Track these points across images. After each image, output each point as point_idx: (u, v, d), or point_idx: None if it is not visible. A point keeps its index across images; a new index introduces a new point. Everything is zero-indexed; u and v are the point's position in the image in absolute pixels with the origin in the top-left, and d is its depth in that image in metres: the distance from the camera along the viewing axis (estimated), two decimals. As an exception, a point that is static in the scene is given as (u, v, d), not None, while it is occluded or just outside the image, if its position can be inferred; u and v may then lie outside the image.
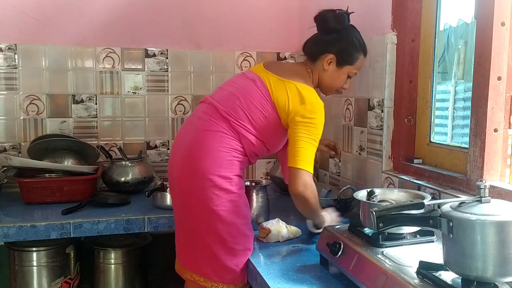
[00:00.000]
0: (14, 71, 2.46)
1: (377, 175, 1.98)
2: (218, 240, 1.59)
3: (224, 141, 1.62)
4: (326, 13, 1.75)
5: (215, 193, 1.58)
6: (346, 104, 2.25)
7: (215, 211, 1.58)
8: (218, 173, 1.59)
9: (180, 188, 1.67)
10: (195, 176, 1.60)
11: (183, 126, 1.77)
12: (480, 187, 1.04)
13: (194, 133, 1.66)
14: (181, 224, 1.71)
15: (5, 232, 1.90)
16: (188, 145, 1.65)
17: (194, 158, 1.61)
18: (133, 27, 2.61)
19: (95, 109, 2.60)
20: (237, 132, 1.63)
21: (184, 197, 1.65)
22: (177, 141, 1.74)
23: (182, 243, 1.72)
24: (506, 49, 1.44)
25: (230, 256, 1.59)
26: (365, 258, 1.22)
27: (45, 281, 2.17)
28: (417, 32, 1.86)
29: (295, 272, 1.43)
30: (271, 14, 2.82)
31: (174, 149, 1.74)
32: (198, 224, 1.62)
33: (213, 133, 1.62)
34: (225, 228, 1.58)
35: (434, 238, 1.33)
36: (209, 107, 1.69)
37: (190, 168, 1.62)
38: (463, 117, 1.80)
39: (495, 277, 0.99)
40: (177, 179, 1.68)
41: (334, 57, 1.73)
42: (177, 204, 1.71)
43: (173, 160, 1.72)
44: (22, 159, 2.31)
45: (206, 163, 1.59)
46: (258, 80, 1.69)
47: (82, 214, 2.07)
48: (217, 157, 1.60)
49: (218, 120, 1.64)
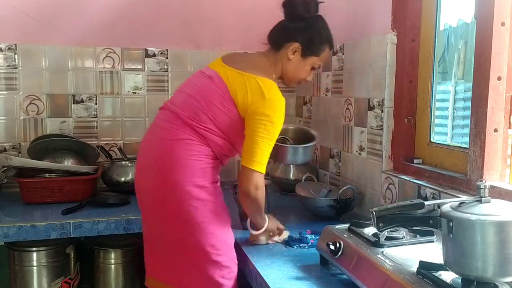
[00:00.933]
0: (14, 71, 2.46)
1: (377, 175, 1.98)
2: (201, 254, 1.52)
3: (192, 148, 1.53)
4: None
5: (193, 205, 1.51)
6: (346, 104, 2.25)
7: (194, 224, 1.51)
8: (192, 184, 1.51)
9: (153, 202, 1.58)
10: (169, 190, 1.52)
11: (146, 137, 1.67)
12: (480, 187, 1.04)
13: (159, 144, 1.57)
14: (157, 238, 1.61)
15: (5, 232, 1.90)
16: (155, 158, 1.57)
17: (164, 171, 1.53)
18: (133, 27, 2.61)
19: (95, 109, 2.60)
20: (204, 136, 1.55)
21: (158, 211, 1.57)
22: (142, 153, 1.65)
23: (158, 257, 1.62)
24: (506, 49, 1.44)
25: (215, 269, 1.53)
26: (365, 258, 1.22)
27: (45, 281, 2.16)
28: (417, 32, 1.86)
29: (295, 272, 1.43)
30: (271, 14, 2.81)
31: (140, 162, 1.65)
32: (177, 238, 1.54)
33: (179, 142, 1.53)
34: (208, 240, 1.52)
35: (434, 238, 1.33)
36: (169, 114, 1.60)
37: (162, 182, 1.53)
38: (463, 117, 1.80)
39: (495, 277, 0.99)
40: (148, 193, 1.59)
41: (300, 46, 1.65)
42: (149, 218, 1.63)
43: (142, 174, 1.63)
44: (22, 159, 2.31)
45: (179, 175, 1.51)
46: (215, 77, 1.60)
47: (82, 214, 2.07)
48: (189, 166, 1.52)
49: (181, 127, 1.55)
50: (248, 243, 1.70)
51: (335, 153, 2.37)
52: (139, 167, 1.65)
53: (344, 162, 2.29)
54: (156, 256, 1.64)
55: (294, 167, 2.48)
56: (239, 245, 1.69)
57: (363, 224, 1.43)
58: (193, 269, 1.55)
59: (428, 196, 1.66)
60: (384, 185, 1.92)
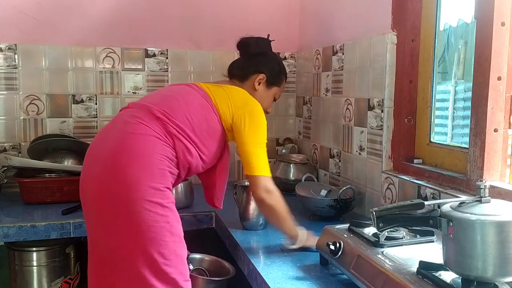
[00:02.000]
0: (14, 71, 2.46)
1: (377, 175, 1.98)
2: (148, 261, 1.38)
3: (157, 146, 1.44)
4: (248, 39, 1.83)
5: (144, 207, 1.38)
6: (346, 104, 2.25)
7: (145, 227, 1.37)
8: (149, 184, 1.40)
9: (99, 203, 1.43)
10: (122, 187, 1.39)
11: (100, 133, 1.57)
12: (480, 187, 1.04)
13: (120, 137, 1.45)
14: (96, 248, 1.48)
15: (5, 232, 1.90)
16: (111, 151, 1.43)
17: (120, 165, 1.40)
18: (133, 27, 2.61)
19: (95, 109, 2.60)
20: (172, 136, 1.47)
21: (104, 214, 1.42)
22: (92, 150, 1.52)
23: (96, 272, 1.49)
24: (506, 49, 1.44)
25: (161, 280, 1.38)
26: (365, 258, 1.22)
27: (45, 281, 2.16)
28: (417, 32, 1.86)
29: (295, 272, 1.43)
30: (271, 14, 2.82)
31: (89, 160, 1.51)
32: (123, 244, 1.39)
33: (144, 137, 1.44)
34: (156, 247, 1.38)
35: (434, 238, 1.33)
36: (139, 110, 1.52)
37: (115, 178, 1.40)
38: (463, 117, 1.80)
39: (495, 277, 0.99)
40: (95, 192, 1.44)
41: (265, 77, 1.77)
42: (92, 224, 1.48)
43: (89, 172, 1.48)
44: (22, 159, 2.31)
45: (136, 171, 1.39)
46: (195, 86, 1.63)
47: (82, 214, 2.06)
48: (149, 164, 1.42)
49: (150, 122, 1.47)
50: (248, 243, 1.70)
51: (335, 153, 2.37)
52: (88, 164, 1.50)
53: (344, 162, 2.29)
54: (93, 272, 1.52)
55: (294, 167, 2.48)
56: (239, 245, 1.69)
57: (363, 224, 1.43)
58: (137, 279, 1.38)
59: (428, 196, 1.66)
60: (384, 185, 1.92)
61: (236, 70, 1.81)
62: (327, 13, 2.49)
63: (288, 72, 2.86)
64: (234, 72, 1.81)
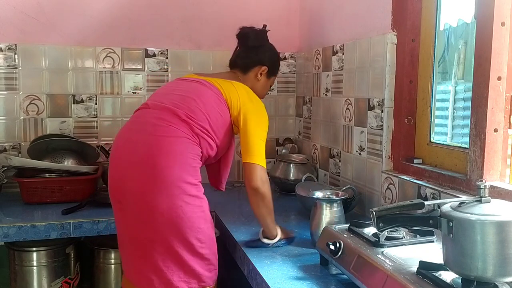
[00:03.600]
0: (14, 71, 2.46)
1: (377, 175, 1.98)
2: (186, 246, 1.54)
3: (188, 146, 1.59)
4: (246, 30, 1.89)
5: (185, 201, 1.54)
6: (346, 104, 2.25)
7: (185, 219, 1.53)
8: (186, 180, 1.55)
9: (141, 202, 1.55)
10: (163, 186, 1.53)
11: (125, 135, 1.66)
12: (480, 187, 1.04)
13: (154, 140, 1.57)
14: (137, 238, 1.59)
15: (5, 232, 1.90)
16: (148, 154, 1.55)
17: (161, 167, 1.53)
18: (133, 27, 2.61)
19: (95, 109, 2.60)
20: (198, 136, 1.61)
21: (145, 211, 1.55)
22: (123, 152, 1.63)
23: (137, 259, 1.61)
24: (506, 49, 1.44)
25: (197, 260, 1.57)
26: (365, 258, 1.22)
27: (45, 281, 2.16)
28: (417, 32, 1.86)
29: (295, 272, 1.43)
30: (271, 14, 2.82)
31: (121, 161, 1.62)
32: (164, 233, 1.53)
33: (177, 139, 1.58)
34: (194, 234, 1.55)
35: (434, 238, 1.33)
36: (163, 112, 1.62)
37: (156, 179, 1.53)
38: (463, 117, 1.80)
39: (495, 277, 0.99)
40: (136, 192, 1.56)
41: (267, 68, 1.88)
42: (131, 218, 1.59)
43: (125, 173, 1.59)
44: (22, 159, 2.31)
45: (176, 171, 1.54)
46: (205, 82, 1.72)
47: (82, 214, 2.07)
48: (185, 164, 1.57)
49: (179, 125, 1.59)
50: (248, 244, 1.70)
51: (335, 153, 2.37)
52: (122, 163, 1.61)
53: (344, 162, 2.29)
54: (134, 258, 1.62)
55: (294, 167, 2.48)
56: (239, 245, 1.69)
57: (363, 224, 1.43)
58: (175, 264, 1.55)
59: (428, 196, 1.66)
60: (384, 185, 1.92)
61: (239, 61, 1.89)
62: (327, 13, 2.49)
63: (288, 72, 2.88)
64: (237, 63, 1.90)
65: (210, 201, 1.87)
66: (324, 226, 1.55)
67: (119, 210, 1.64)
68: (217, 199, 2.32)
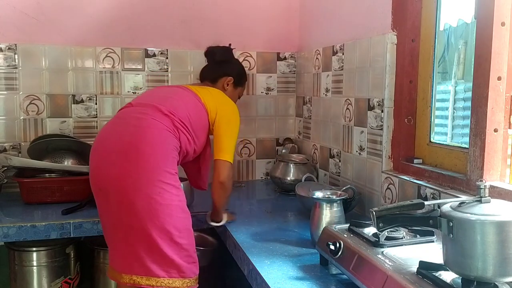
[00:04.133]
0: (14, 71, 2.46)
1: (377, 175, 1.98)
2: (164, 234, 1.60)
3: (168, 137, 1.69)
4: (213, 48, 2.13)
5: (163, 188, 1.62)
6: (346, 104, 2.25)
7: (163, 205, 1.60)
8: (165, 169, 1.64)
9: (120, 186, 1.62)
10: (144, 171, 1.61)
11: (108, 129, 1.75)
12: (480, 187, 1.04)
13: (138, 131, 1.67)
14: (119, 225, 1.65)
15: (5, 232, 1.90)
16: (132, 143, 1.65)
17: (143, 153, 1.63)
18: (133, 27, 2.61)
19: (95, 109, 2.60)
20: (178, 130, 1.72)
21: (125, 196, 1.61)
22: (105, 142, 1.71)
23: (119, 246, 1.67)
24: (506, 49, 1.44)
25: (176, 250, 1.62)
26: (365, 258, 1.22)
27: (45, 281, 2.17)
28: (417, 32, 1.86)
29: (295, 272, 1.43)
30: (271, 14, 2.82)
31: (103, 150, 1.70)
32: (143, 219, 1.59)
33: (160, 131, 1.68)
34: (172, 222, 1.61)
35: (434, 238, 1.33)
36: (146, 108, 1.74)
37: (137, 164, 1.62)
38: (463, 117, 1.80)
39: (495, 277, 0.99)
40: (118, 177, 1.63)
41: (233, 79, 2.10)
42: (113, 205, 1.65)
43: (107, 160, 1.67)
44: (22, 159, 2.31)
45: (157, 159, 1.64)
46: (186, 88, 1.89)
47: (82, 214, 2.07)
48: (165, 153, 1.67)
49: (161, 118, 1.70)
50: (248, 243, 1.70)
51: (335, 153, 2.37)
52: (103, 153, 1.70)
53: (344, 162, 2.29)
54: (116, 245, 1.68)
55: (294, 167, 2.48)
56: (239, 245, 1.69)
57: (363, 224, 1.43)
58: (154, 251, 1.60)
59: (428, 196, 1.66)
60: (384, 185, 1.92)
61: (207, 74, 2.12)
62: (327, 13, 2.49)
63: (288, 72, 2.88)
64: (205, 76, 2.12)
65: (210, 201, 1.90)
66: (324, 226, 1.55)
67: (101, 197, 1.70)
68: (217, 199, 2.33)
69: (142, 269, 1.61)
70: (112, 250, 1.72)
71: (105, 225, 1.73)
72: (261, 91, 2.85)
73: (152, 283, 1.60)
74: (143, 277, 1.61)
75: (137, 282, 1.61)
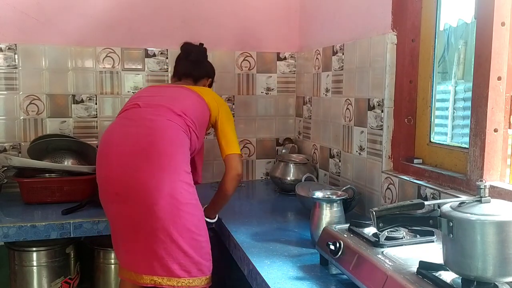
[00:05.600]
0: (14, 71, 2.46)
1: (377, 175, 1.98)
2: (186, 233, 1.64)
3: (185, 138, 1.74)
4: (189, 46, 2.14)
5: (183, 187, 1.65)
6: (346, 104, 2.25)
7: (184, 204, 1.63)
8: (184, 168, 1.68)
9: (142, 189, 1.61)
10: (167, 172, 1.63)
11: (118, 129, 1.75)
12: (480, 187, 1.04)
13: (156, 132, 1.68)
14: (139, 227, 1.64)
15: (5, 232, 1.90)
16: (150, 144, 1.65)
17: (165, 154, 1.65)
18: (133, 27, 2.61)
19: (95, 109, 2.60)
20: (189, 129, 1.77)
21: (148, 197, 1.60)
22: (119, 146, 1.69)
23: (139, 248, 1.67)
24: (506, 49, 1.44)
25: (196, 248, 1.66)
26: (365, 258, 1.22)
27: (45, 281, 2.16)
28: (417, 32, 1.86)
29: (295, 272, 1.43)
30: (271, 14, 2.82)
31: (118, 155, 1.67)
32: (165, 220, 1.60)
33: (176, 131, 1.72)
34: (192, 220, 1.66)
35: (434, 238, 1.33)
36: (159, 109, 1.76)
37: (160, 166, 1.62)
38: (463, 117, 1.80)
39: (495, 277, 0.99)
40: (138, 180, 1.61)
41: (211, 79, 2.19)
42: (133, 208, 1.64)
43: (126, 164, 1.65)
44: (22, 159, 2.31)
45: (177, 159, 1.67)
46: (187, 89, 1.92)
47: (82, 214, 2.07)
48: (183, 153, 1.71)
49: (175, 119, 1.74)
50: (248, 243, 1.70)
51: (335, 153, 2.37)
52: (122, 157, 1.66)
53: (344, 162, 2.29)
54: (135, 248, 1.68)
55: (294, 167, 2.48)
56: (239, 245, 1.69)
57: (363, 224, 1.43)
58: (176, 251, 1.63)
59: (428, 196, 1.66)
60: (384, 185, 1.92)
61: (190, 72, 2.10)
62: (327, 13, 2.49)
63: (288, 72, 2.88)
64: (190, 74, 2.10)
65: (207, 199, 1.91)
66: (324, 226, 1.55)
67: (117, 202, 1.68)
68: (217, 199, 2.33)
69: (164, 270, 1.64)
70: (128, 252, 1.71)
71: (120, 228, 1.72)
72: (261, 91, 2.85)
73: (173, 283, 1.64)
74: (164, 277, 1.64)
75: (158, 282, 1.65)
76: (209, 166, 2.69)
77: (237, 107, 2.81)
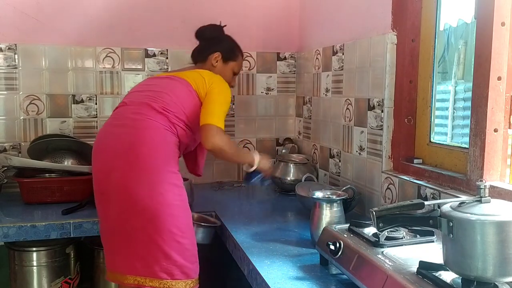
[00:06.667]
0: (14, 71, 2.46)
1: (377, 175, 1.98)
2: (167, 235, 1.61)
3: (167, 136, 1.69)
4: (202, 27, 2.09)
5: (165, 188, 1.62)
6: (346, 104, 2.25)
7: (165, 205, 1.61)
8: (167, 169, 1.65)
9: (121, 190, 1.63)
10: (144, 173, 1.61)
11: (107, 129, 1.76)
12: (480, 187, 1.04)
13: (134, 133, 1.67)
14: (120, 228, 1.66)
15: (5, 232, 1.90)
16: (131, 146, 1.65)
17: (143, 156, 1.63)
18: (133, 27, 2.61)
19: (95, 109, 2.60)
20: (174, 125, 1.72)
21: (127, 199, 1.62)
22: (107, 146, 1.71)
23: (121, 248, 1.67)
24: (506, 49, 1.44)
25: (179, 250, 1.63)
26: (365, 258, 1.22)
27: (45, 281, 2.16)
28: (417, 32, 1.86)
29: (295, 272, 1.43)
30: (271, 14, 2.82)
31: (104, 154, 1.70)
32: (145, 222, 1.61)
33: (156, 130, 1.68)
34: (174, 222, 1.62)
35: (434, 238, 1.33)
36: (141, 107, 1.73)
37: (138, 167, 1.62)
38: (463, 117, 1.80)
39: (495, 277, 0.99)
40: (119, 181, 1.63)
41: (220, 54, 2.03)
42: (114, 209, 1.66)
43: (109, 164, 1.67)
44: (22, 159, 2.31)
45: (157, 160, 1.64)
46: (173, 77, 1.85)
47: (82, 214, 2.07)
48: (165, 152, 1.67)
49: (156, 117, 1.69)
50: (248, 243, 1.70)
51: (335, 153, 2.37)
52: (107, 156, 1.69)
53: (344, 162, 2.29)
54: (118, 247, 1.69)
55: (294, 167, 2.48)
56: (239, 245, 1.69)
57: (363, 224, 1.43)
58: (157, 252, 1.61)
59: (428, 196, 1.66)
60: (384, 185, 1.92)
61: (196, 54, 2.07)
62: (327, 13, 2.49)
63: (288, 72, 2.88)
64: (195, 57, 2.08)
65: (210, 201, 1.90)
66: (324, 226, 1.55)
67: (103, 202, 1.70)
68: (217, 199, 2.33)
69: (146, 270, 1.62)
70: (112, 254, 1.72)
71: (105, 229, 1.73)
72: (261, 91, 2.85)
73: (156, 284, 1.62)
74: (146, 278, 1.63)
75: (141, 283, 1.63)
76: (209, 166, 2.69)
77: (237, 107, 2.81)
